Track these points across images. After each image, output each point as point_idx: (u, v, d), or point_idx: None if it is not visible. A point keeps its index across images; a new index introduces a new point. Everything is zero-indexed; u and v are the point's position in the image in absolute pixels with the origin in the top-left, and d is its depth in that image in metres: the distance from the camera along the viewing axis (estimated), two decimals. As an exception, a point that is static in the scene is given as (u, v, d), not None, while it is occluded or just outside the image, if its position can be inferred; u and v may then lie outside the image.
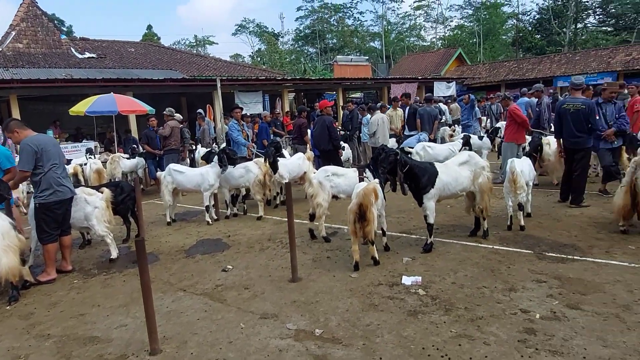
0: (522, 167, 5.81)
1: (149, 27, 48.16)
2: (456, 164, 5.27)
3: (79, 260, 5.67)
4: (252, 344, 3.31)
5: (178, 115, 10.43)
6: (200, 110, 13.09)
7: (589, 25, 42.78)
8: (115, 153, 10.87)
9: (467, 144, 9.18)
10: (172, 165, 7.54)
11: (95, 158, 10.60)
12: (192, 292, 4.40)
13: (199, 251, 5.72)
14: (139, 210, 6.32)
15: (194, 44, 51.76)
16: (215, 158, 7.06)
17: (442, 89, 22.79)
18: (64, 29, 42.40)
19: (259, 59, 47.11)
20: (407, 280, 4.25)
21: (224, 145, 10.75)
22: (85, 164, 9.83)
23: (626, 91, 8.82)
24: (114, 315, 3.99)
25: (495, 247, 5.11)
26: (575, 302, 3.64)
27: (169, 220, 7.35)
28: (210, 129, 12.48)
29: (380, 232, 5.15)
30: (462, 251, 5.03)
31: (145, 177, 10.74)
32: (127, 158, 10.54)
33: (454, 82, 24.28)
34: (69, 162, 9.60)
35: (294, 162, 7.77)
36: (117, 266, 5.36)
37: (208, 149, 9.19)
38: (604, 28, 41.43)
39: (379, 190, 4.81)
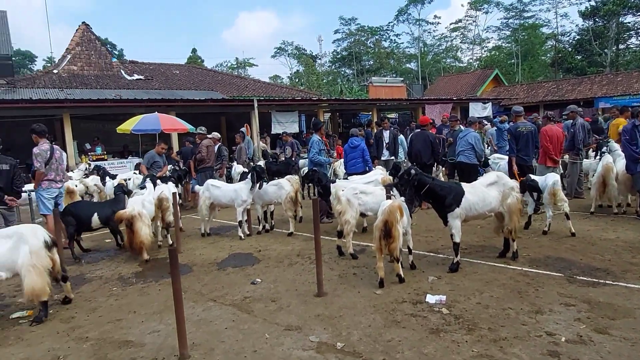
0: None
1: (194, 50, 50.59)
2: (484, 185, 5.27)
3: (119, 269, 6.00)
4: (275, 354, 3.44)
5: (215, 134, 10.87)
6: (242, 129, 13.61)
7: (631, 46, 41.34)
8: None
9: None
10: (210, 181, 7.89)
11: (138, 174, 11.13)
12: (222, 302, 4.59)
13: (230, 264, 5.93)
14: (176, 223, 6.65)
15: (235, 66, 53.72)
16: (249, 175, 7.34)
17: (477, 110, 22.58)
18: (116, 52, 45.18)
19: (296, 80, 48.26)
20: (431, 298, 4.28)
21: (260, 163, 11.08)
22: (129, 179, 10.36)
23: None
24: (148, 321, 4.22)
25: (524, 269, 5.03)
26: (603, 327, 3.56)
27: (202, 232, 7.66)
28: (247, 147, 12.84)
29: (407, 249, 5.20)
30: (489, 272, 4.99)
31: (184, 193, 11.15)
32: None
33: (490, 103, 23.99)
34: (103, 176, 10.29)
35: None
36: (154, 275, 5.64)
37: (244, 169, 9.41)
38: (648, 49, 39.91)
39: (405, 208, 4.88)
